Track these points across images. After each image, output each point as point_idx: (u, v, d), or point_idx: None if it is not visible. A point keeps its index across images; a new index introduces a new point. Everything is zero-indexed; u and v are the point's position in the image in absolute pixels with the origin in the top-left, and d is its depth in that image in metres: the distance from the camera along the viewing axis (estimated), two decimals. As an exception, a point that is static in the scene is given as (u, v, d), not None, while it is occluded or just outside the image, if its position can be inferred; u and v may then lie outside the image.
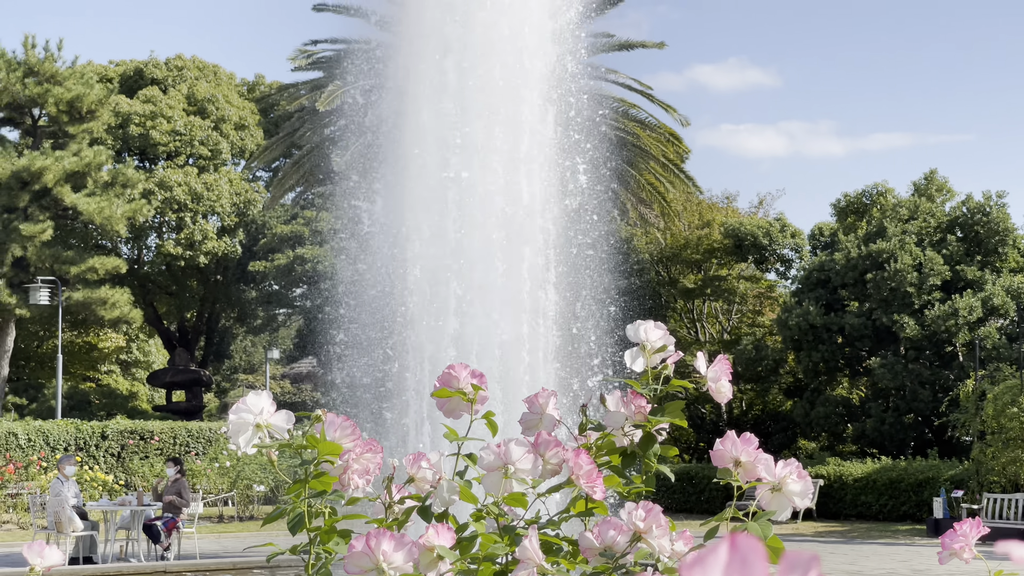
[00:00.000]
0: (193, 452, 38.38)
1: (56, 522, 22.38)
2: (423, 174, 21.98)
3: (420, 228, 21.67)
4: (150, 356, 71.95)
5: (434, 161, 21.79)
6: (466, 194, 21.56)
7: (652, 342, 3.05)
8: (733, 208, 50.85)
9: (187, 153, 58.93)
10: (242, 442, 2.59)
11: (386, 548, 2.20)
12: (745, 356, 42.82)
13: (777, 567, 0.66)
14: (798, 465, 2.76)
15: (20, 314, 49.56)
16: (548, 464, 2.84)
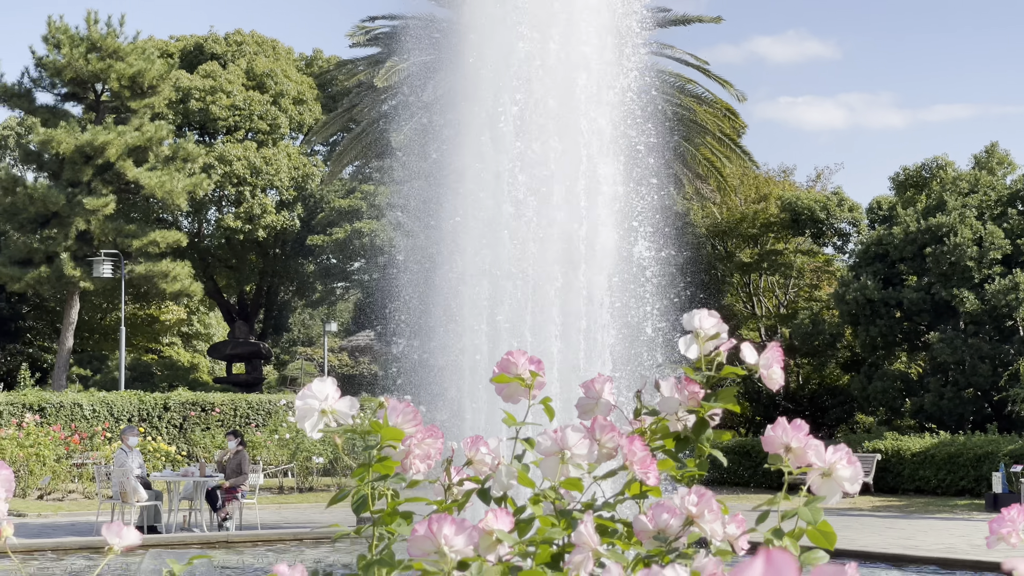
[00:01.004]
0: (253, 424, 38.76)
1: (121, 492, 22.72)
2: (480, 151, 22.06)
3: (477, 206, 21.76)
4: (210, 329, 72.60)
5: (490, 138, 21.86)
6: (523, 173, 21.63)
7: (706, 330, 3.12)
8: (790, 182, 50.64)
9: (246, 128, 59.33)
10: (308, 427, 2.68)
11: (447, 532, 2.30)
12: (802, 330, 42.69)
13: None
14: (848, 451, 2.83)
15: (84, 287, 50.19)
16: (604, 448, 2.93)
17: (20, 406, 35.88)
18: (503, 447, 3.02)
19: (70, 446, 33.00)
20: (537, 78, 22.01)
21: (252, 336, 62.54)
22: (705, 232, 45.60)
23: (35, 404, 36.23)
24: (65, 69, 49.54)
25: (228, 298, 64.71)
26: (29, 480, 31.02)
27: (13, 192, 49.26)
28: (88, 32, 49.79)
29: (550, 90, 22.04)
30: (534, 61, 21.96)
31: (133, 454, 23.41)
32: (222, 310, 65.99)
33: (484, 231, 21.69)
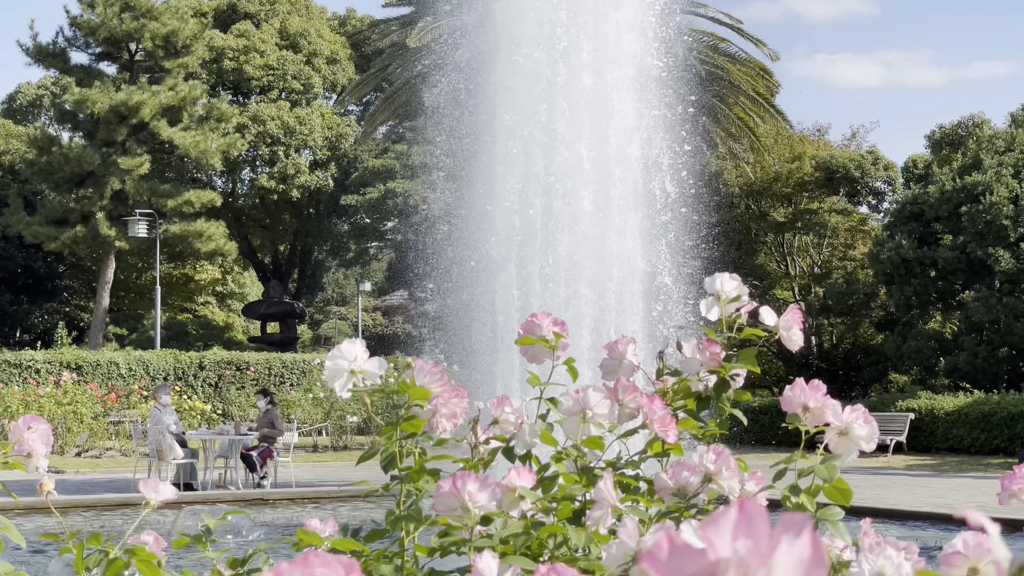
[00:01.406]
0: (288, 383, 39.01)
1: (157, 450, 22.94)
2: (514, 107, 22.08)
3: (509, 166, 21.80)
4: (245, 288, 72.94)
5: (524, 97, 21.87)
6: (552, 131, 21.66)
7: (727, 292, 3.18)
8: (825, 141, 50.42)
9: (280, 87, 59.40)
10: (337, 387, 2.76)
11: (471, 489, 2.38)
12: (836, 290, 42.62)
13: (777, 526, 0.81)
14: (864, 410, 2.90)
15: (120, 246, 50.46)
16: (626, 408, 3.00)
17: (58, 364, 36.23)
18: (528, 407, 3.10)
19: (107, 404, 33.32)
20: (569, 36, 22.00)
21: (286, 296, 62.82)
22: (739, 191, 45.50)
23: (72, 362, 36.57)
24: (99, 29, 49.68)
25: (262, 258, 64.97)
26: (67, 437, 31.37)
27: (49, 152, 49.51)
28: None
29: (583, 48, 22.03)
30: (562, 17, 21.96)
31: (168, 411, 23.60)
32: (256, 270, 66.27)
33: (516, 191, 21.74)
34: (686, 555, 0.78)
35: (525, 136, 21.74)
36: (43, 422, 3.62)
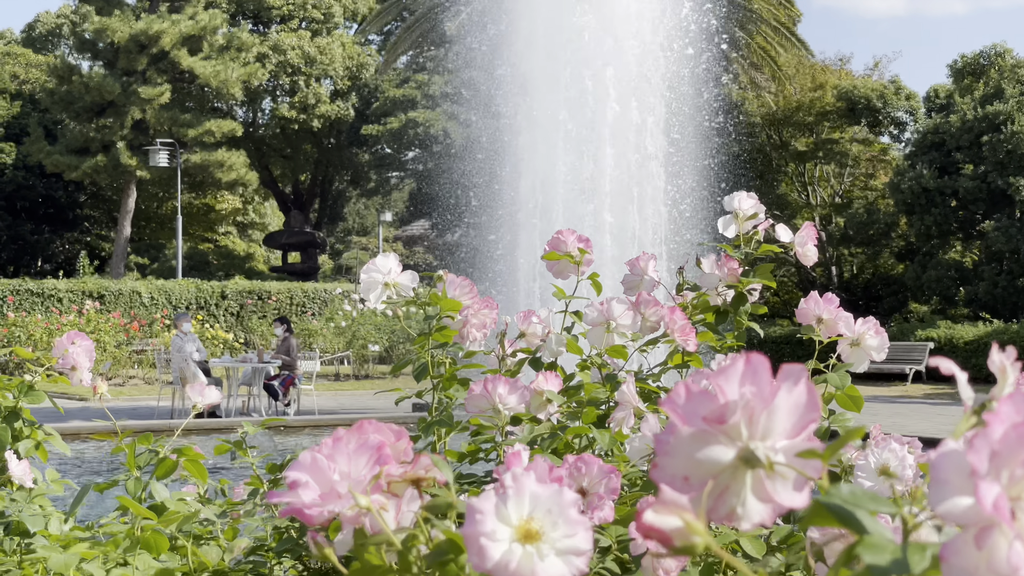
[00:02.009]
0: (309, 312, 39.23)
1: (181, 377, 23.14)
2: (536, 28, 22.09)
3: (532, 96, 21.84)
4: (266, 218, 73.07)
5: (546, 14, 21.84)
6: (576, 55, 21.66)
7: (744, 210, 3.31)
8: (847, 71, 50.08)
9: (300, 17, 59.23)
10: (372, 298, 2.89)
11: (501, 391, 2.52)
12: (857, 220, 42.59)
13: (777, 377, 0.95)
14: (875, 322, 3.03)
15: (141, 175, 50.62)
16: (647, 321, 3.14)
17: (80, 293, 36.47)
18: (554, 319, 3.24)
19: (130, 333, 33.57)
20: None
21: (307, 226, 62.96)
22: (760, 121, 45.36)
23: (95, 291, 36.80)
24: (119, -42, 49.66)
25: (283, 188, 65.05)
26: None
27: (69, 81, 49.58)
28: (142, -80, 49.85)
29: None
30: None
31: (189, 339, 23.74)
32: (277, 200, 66.38)
33: (539, 122, 21.80)
34: (700, 399, 0.92)
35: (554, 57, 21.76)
36: (86, 338, 3.77)
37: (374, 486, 1.23)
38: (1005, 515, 0.73)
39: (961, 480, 0.75)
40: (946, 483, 0.75)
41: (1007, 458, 0.74)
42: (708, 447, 0.91)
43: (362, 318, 34.77)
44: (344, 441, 1.26)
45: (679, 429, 0.91)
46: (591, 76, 21.52)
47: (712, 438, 0.91)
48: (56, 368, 3.69)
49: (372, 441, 1.26)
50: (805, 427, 0.92)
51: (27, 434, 3.66)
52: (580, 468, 1.95)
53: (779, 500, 0.92)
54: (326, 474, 1.23)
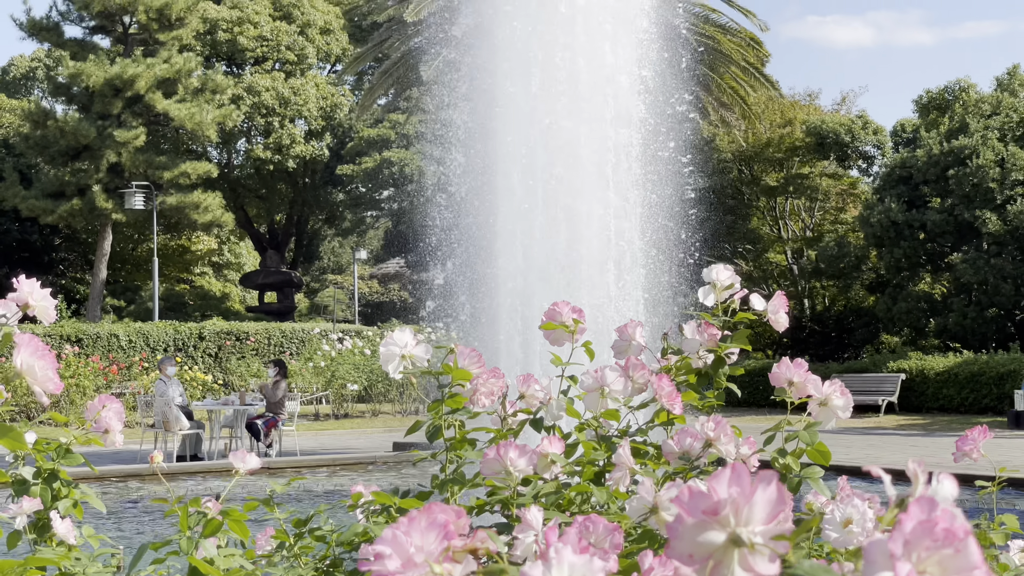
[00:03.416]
0: (288, 352, 39.47)
1: (163, 421, 23.37)
2: (508, 80, 22.43)
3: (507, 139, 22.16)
4: (241, 258, 73.35)
5: (518, 69, 22.21)
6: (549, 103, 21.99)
7: (722, 281, 3.68)
8: (815, 106, 50.82)
9: (274, 58, 59.70)
10: (391, 369, 3.23)
11: (512, 455, 2.86)
12: (828, 253, 43.15)
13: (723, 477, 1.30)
14: (841, 384, 3.38)
15: (116, 218, 50.81)
16: (636, 384, 3.49)
17: (58, 337, 36.62)
18: (554, 385, 3.58)
19: (109, 376, 33.74)
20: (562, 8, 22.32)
21: (283, 265, 63.26)
22: (731, 157, 45.96)
23: (73, 335, 36.98)
24: (93, 2, 49.91)
25: (259, 228, 65.36)
26: (71, 410, 31.80)
27: (44, 125, 49.82)
28: (115, -35, 50.17)
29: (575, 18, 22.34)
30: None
31: (172, 383, 23.97)
32: (253, 240, 66.68)
33: (514, 162, 22.11)
34: (700, 498, 1.28)
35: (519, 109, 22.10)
36: (116, 401, 4.10)
37: (444, 556, 1.58)
38: (913, 584, 1.08)
39: (884, 560, 1.10)
40: (874, 562, 1.10)
41: (915, 545, 1.10)
42: (706, 532, 1.26)
43: (340, 357, 35.08)
44: (417, 520, 1.60)
45: (685, 519, 1.27)
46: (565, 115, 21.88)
47: (709, 526, 1.26)
48: (91, 431, 3.98)
49: (439, 520, 1.60)
50: (777, 515, 1.27)
51: (65, 494, 3.94)
52: (588, 526, 2.29)
53: (759, 571, 1.27)
54: (404, 547, 1.57)
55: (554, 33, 22.06)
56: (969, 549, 1.10)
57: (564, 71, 22.26)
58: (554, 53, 22.16)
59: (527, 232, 21.56)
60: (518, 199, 21.85)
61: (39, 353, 2.29)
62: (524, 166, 21.95)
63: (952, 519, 1.11)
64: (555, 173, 21.73)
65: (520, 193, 21.97)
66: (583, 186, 21.81)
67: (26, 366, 2.29)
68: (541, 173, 21.82)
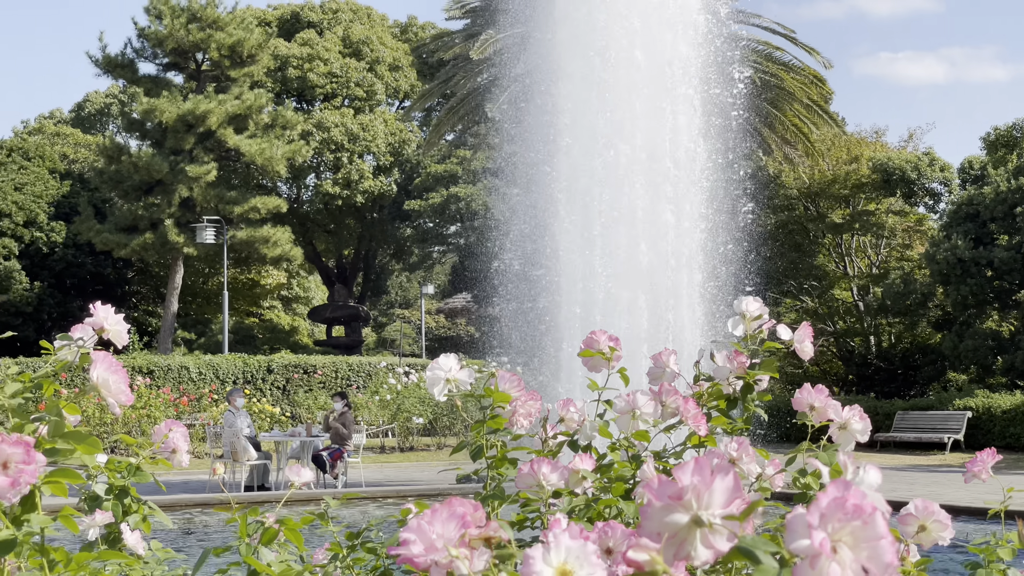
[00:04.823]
0: (354, 385, 39.84)
1: (232, 452, 23.72)
2: (573, 118, 22.72)
3: (568, 176, 22.44)
4: (310, 292, 74.01)
5: (580, 107, 22.50)
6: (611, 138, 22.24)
7: (751, 312, 3.90)
8: (882, 143, 50.72)
9: (343, 94, 60.45)
10: (436, 392, 3.49)
11: (545, 470, 3.10)
12: (893, 290, 43.00)
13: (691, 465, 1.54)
14: (859, 409, 3.59)
15: (188, 252, 51.50)
16: (668, 408, 3.72)
17: (130, 369, 37.15)
18: (589, 407, 3.82)
19: (179, 407, 34.22)
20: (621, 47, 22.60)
21: (351, 299, 63.82)
22: (796, 194, 45.99)
23: (144, 367, 37.54)
24: (167, 39, 50.83)
25: (327, 262, 66.01)
26: (142, 440, 32.20)
27: (118, 160, 50.69)
28: (188, 3, 51.00)
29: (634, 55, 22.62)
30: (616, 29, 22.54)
31: (241, 415, 24.31)
32: (321, 274, 67.33)
33: (576, 200, 22.38)
34: (666, 485, 1.51)
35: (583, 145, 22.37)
36: (181, 425, 4.37)
37: (460, 542, 1.82)
38: (827, 550, 1.32)
39: (804, 529, 1.33)
40: (795, 531, 1.34)
41: (829, 517, 1.33)
42: (672, 514, 1.50)
43: (406, 391, 35.39)
44: (440, 512, 1.85)
45: (654, 503, 1.51)
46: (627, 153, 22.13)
47: (674, 508, 1.50)
48: (158, 453, 4.25)
49: (459, 511, 1.85)
50: (732, 501, 1.50)
51: (135, 509, 4.21)
52: (607, 532, 2.53)
53: (717, 547, 1.51)
54: (427, 534, 1.82)
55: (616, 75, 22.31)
56: (876, 522, 1.34)
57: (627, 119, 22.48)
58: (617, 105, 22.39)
59: (587, 269, 21.78)
60: (578, 242, 22.08)
61: (112, 368, 2.56)
62: (583, 205, 22.19)
63: (862, 497, 1.34)
64: (614, 217, 21.96)
65: (580, 236, 22.20)
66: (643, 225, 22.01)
67: (101, 379, 2.56)
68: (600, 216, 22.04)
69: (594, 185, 22.30)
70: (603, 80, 22.56)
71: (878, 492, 2.12)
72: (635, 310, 21.18)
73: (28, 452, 2.11)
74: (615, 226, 22.00)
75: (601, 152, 22.46)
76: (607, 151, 22.35)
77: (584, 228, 22.27)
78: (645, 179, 22.35)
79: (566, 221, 22.33)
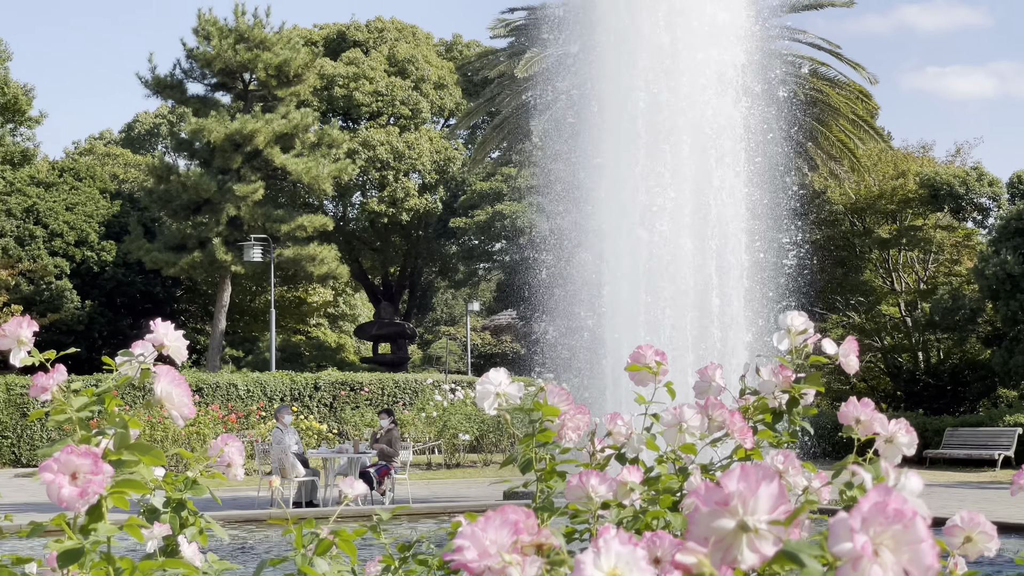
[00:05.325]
0: (400, 403, 39.96)
1: (280, 468, 23.85)
2: (616, 136, 22.77)
3: (613, 190, 22.49)
4: (356, 310, 74.29)
5: (623, 125, 22.55)
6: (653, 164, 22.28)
7: (796, 326, 3.94)
8: (929, 158, 50.48)
9: (389, 113, 60.74)
10: (486, 406, 3.55)
11: (593, 482, 3.16)
12: (942, 305, 42.76)
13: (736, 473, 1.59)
14: (906, 423, 3.62)
15: (235, 270, 51.87)
16: (714, 422, 3.77)
17: (180, 386, 37.39)
18: (636, 421, 3.88)
19: (227, 424, 34.46)
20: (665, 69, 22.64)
21: (397, 316, 64.01)
22: (842, 209, 45.83)
23: (193, 384, 37.77)
24: (214, 60, 51.26)
25: (373, 279, 66.25)
26: (198, 454, 32.42)
27: (167, 180, 51.15)
28: (236, 24, 51.46)
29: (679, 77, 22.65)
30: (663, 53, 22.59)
31: (289, 432, 24.47)
32: (367, 291, 67.58)
33: (620, 219, 22.42)
34: (713, 491, 1.57)
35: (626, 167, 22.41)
36: (236, 439, 4.45)
37: (513, 548, 1.88)
38: (869, 553, 1.37)
39: (846, 533, 1.39)
40: (838, 535, 1.39)
41: (871, 521, 1.39)
42: (719, 519, 1.56)
43: (452, 408, 35.47)
44: (493, 519, 1.91)
45: (701, 508, 1.57)
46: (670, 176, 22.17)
47: (721, 514, 1.56)
48: (213, 466, 4.32)
49: (511, 518, 1.91)
50: (778, 507, 1.56)
51: (192, 522, 4.28)
52: (655, 541, 2.58)
53: (762, 551, 1.56)
54: (481, 541, 1.88)
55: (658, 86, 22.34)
56: (917, 526, 1.39)
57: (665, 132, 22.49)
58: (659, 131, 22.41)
59: (632, 286, 21.80)
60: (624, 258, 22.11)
61: (176, 382, 2.64)
62: (628, 226, 22.23)
63: (903, 502, 1.39)
64: (660, 230, 21.97)
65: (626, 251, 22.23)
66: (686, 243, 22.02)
67: (165, 393, 2.64)
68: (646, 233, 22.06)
69: (639, 199, 22.33)
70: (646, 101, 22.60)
71: (919, 498, 2.17)
72: (680, 326, 21.18)
73: (96, 463, 2.18)
74: (660, 239, 22.01)
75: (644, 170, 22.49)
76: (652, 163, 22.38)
77: (629, 246, 22.28)
78: (692, 201, 22.36)
79: (611, 238, 22.36)
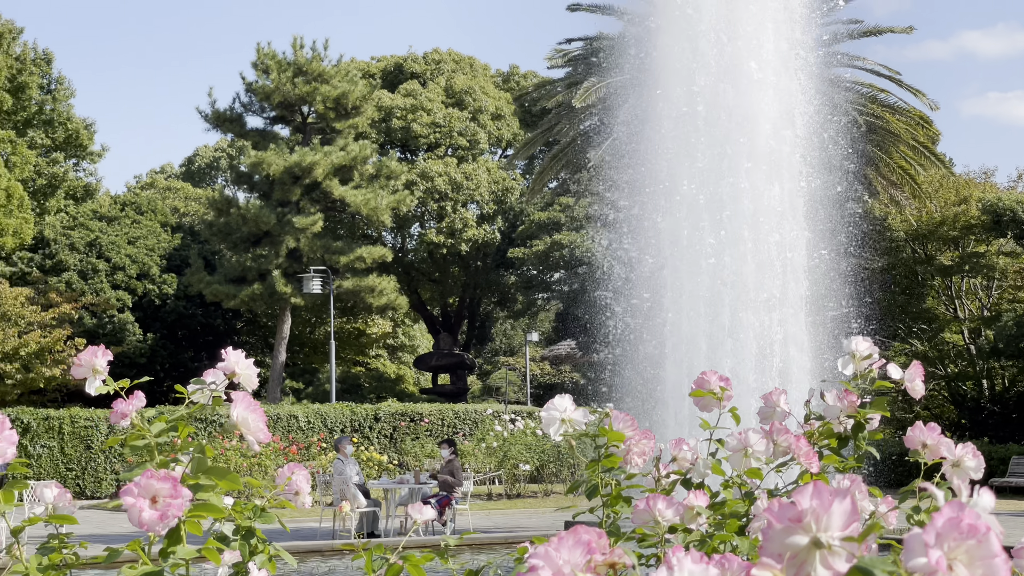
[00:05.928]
0: (460, 433, 40.01)
1: (342, 499, 23.94)
2: (673, 171, 22.78)
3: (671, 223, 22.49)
4: (415, 340, 74.49)
5: (681, 156, 22.56)
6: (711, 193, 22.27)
7: (860, 351, 3.95)
8: (991, 183, 50.11)
9: (447, 144, 61.02)
10: (552, 432, 3.58)
11: (661, 506, 3.18)
12: (1006, 332, 42.35)
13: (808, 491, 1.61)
14: (973, 447, 3.62)
15: (295, 302, 52.16)
16: (779, 446, 3.78)
17: (241, 418, 37.62)
18: (701, 446, 3.89)
19: (288, 456, 34.59)
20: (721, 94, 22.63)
21: (456, 347, 64.13)
22: (904, 236, 45.54)
23: (255, 416, 37.99)
24: (273, 93, 51.69)
25: (432, 310, 66.44)
26: (254, 489, 32.56)
27: (227, 212, 51.55)
28: (294, 57, 51.90)
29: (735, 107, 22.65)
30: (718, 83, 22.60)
31: (350, 462, 24.57)
32: (426, 322, 67.76)
33: (683, 249, 22.42)
34: (787, 508, 1.59)
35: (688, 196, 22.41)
36: (303, 468, 4.50)
37: (587, 567, 1.91)
38: (943, 567, 1.39)
39: (921, 548, 1.41)
40: (912, 550, 1.41)
41: (945, 536, 1.40)
42: (792, 536, 1.58)
43: (513, 438, 35.47)
44: (566, 539, 1.94)
45: (775, 525, 1.59)
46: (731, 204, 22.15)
47: (794, 530, 1.58)
48: (281, 494, 4.37)
49: (584, 538, 1.94)
50: (851, 524, 1.58)
51: (261, 549, 4.32)
52: (724, 563, 2.60)
53: (836, 567, 1.58)
54: (555, 560, 1.91)
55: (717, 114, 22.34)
56: (990, 541, 1.41)
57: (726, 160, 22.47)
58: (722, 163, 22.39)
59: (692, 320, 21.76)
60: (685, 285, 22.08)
61: (252, 408, 2.69)
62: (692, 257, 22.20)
63: (976, 518, 1.41)
64: (724, 262, 21.94)
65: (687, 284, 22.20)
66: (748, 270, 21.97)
67: (241, 418, 2.69)
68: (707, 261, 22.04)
69: (701, 228, 22.32)
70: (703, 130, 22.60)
71: (992, 515, 2.18)
72: (740, 353, 21.13)
73: (175, 487, 2.23)
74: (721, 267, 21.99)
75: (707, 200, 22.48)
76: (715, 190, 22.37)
77: (691, 273, 22.27)
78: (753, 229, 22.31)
79: (671, 267, 22.36)
